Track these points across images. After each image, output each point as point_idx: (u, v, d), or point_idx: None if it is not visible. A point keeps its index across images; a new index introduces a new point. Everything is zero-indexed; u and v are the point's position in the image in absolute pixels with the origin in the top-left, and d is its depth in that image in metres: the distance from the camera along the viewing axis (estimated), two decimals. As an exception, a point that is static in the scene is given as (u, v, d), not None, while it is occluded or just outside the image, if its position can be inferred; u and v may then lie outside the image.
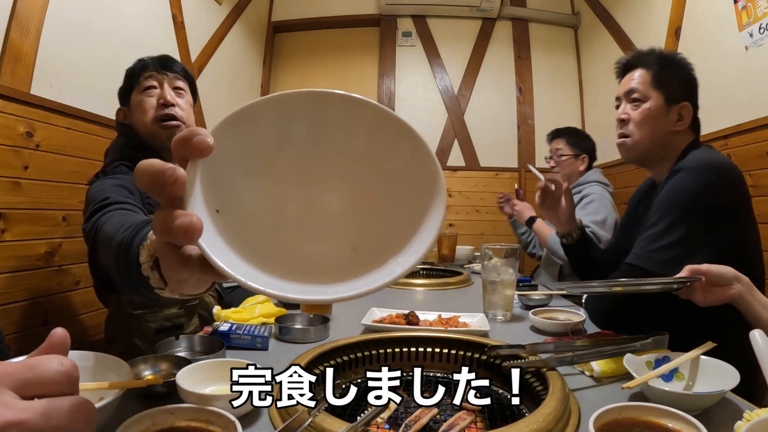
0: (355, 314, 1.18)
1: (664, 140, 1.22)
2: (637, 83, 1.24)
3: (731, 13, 2.00)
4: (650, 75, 1.23)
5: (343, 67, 3.92)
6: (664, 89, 1.21)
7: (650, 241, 1.10)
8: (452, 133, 3.71)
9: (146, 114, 1.30)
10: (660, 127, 1.21)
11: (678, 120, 1.21)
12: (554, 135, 2.40)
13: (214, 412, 0.57)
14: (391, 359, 0.90)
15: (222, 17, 3.04)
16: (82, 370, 0.64)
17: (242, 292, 2.03)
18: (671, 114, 1.21)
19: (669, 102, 1.21)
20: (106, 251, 0.74)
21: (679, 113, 1.21)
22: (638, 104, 1.23)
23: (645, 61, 1.25)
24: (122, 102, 1.37)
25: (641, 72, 1.24)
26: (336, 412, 0.69)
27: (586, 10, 3.59)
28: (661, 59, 1.25)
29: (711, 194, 1.08)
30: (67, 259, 1.69)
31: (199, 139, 0.33)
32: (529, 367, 0.79)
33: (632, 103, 1.25)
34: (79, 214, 1.72)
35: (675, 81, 1.22)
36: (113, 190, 1.13)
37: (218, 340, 0.87)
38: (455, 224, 3.66)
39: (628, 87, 1.26)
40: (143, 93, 1.32)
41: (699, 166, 1.10)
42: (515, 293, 1.30)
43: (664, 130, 1.21)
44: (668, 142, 1.22)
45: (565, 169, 2.32)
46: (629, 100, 1.25)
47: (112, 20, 1.96)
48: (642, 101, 1.23)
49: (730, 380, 0.69)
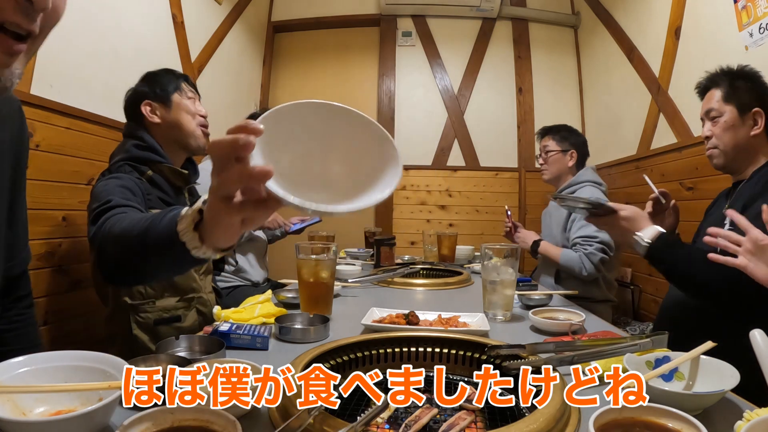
0: (355, 314, 1.18)
1: (745, 145, 1.36)
2: (712, 102, 1.40)
3: (731, 13, 2.00)
4: (722, 92, 1.39)
5: (343, 67, 3.92)
6: (735, 101, 1.36)
7: None
8: (452, 133, 3.72)
9: (193, 117, 1.49)
10: (739, 134, 1.36)
11: (754, 125, 1.34)
12: (543, 133, 2.38)
13: (214, 412, 0.57)
14: (391, 359, 0.90)
15: (222, 17, 3.04)
16: (82, 370, 0.65)
17: (241, 292, 2.04)
18: (746, 121, 1.35)
19: (742, 112, 1.35)
20: (124, 245, 0.83)
21: (753, 119, 1.34)
22: (716, 120, 1.40)
23: (716, 81, 1.41)
24: (152, 98, 1.45)
25: (714, 91, 1.41)
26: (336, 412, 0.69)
27: (586, 10, 3.60)
28: (728, 75, 1.40)
29: None
30: (67, 259, 1.69)
31: (254, 125, 0.50)
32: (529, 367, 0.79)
33: (711, 121, 1.41)
34: (79, 214, 1.72)
35: (744, 92, 1.36)
36: (117, 192, 1.18)
37: (218, 340, 0.87)
38: (455, 224, 3.67)
39: (706, 108, 1.42)
40: (188, 99, 1.50)
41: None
42: (515, 293, 1.30)
43: (744, 136, 1.35)
44: (750, 146, 1.36)
45: (553, 166, 2.29)
46: (709, 119, 1.42)
47: (112, 20, 1.96)
48: (719, 117, 1.39)
49: (730, 380, 0.69)
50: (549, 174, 2.33)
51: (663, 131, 2.61)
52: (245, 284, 2.18)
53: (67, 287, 1.70)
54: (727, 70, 1.43)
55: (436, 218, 3.71)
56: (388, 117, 3.73)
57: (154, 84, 1.47)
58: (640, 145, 2.85)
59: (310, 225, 2.49)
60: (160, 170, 1.41)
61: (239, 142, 0.49)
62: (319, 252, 1.23)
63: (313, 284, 1.22)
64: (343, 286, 1.57)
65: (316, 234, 2.46)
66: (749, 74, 1.40)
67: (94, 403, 0.56)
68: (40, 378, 0.63)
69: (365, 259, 2.44)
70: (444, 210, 3.72)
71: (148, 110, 1.44)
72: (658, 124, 2.67)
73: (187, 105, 1.49)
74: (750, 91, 1.37)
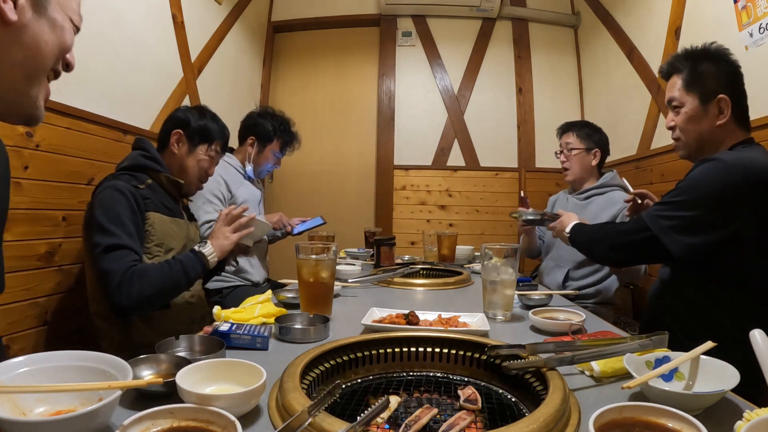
0: (355, 314, 1.18)
1: (710, 136, 1.30)
2: (673, 91, 1.34)
3: (731, 13, 2.00)
4: (683, 79, 1.32)
5: (343, 67, 3.92)
6: (698, 89, 1.29)
7: (662, 209, 1.27)
8: (452, 133, 3.71)
9: (199, 170, 1.65)
10: (703, 125, 1.30)
11: (719, 114, 1.27)
12: (564, 129, 2.28)
13: (214, 412, 0.57)
14: (391, 359, 0.90)
15: (222, 17, 3.03)
16: (82, 370, 0.65)
17: (241, 292, 2.04)
18: (710, 110, 1.28)
19: (704, 101, 1.28)
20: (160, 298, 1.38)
21: (718, 107, 1.27)
22: (678, 110, 1.34)
23: (677, 66, 1.34)
24: (185, 131, 1.61)
25: (676, 78, 1.34)
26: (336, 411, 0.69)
27: (586, 10, 3.59)
28: (691, 58, 1.32)
29: (731, 194, 1.17)
30: (67, 259, 1.69)
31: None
32: (529, 367, 0.79)
33: (674, 111, 1.36)
34: (79, 214, 1.72)
35: (708, 77, 1.28)
36: (122, 225, 1.34)
37: (218, 340, 0.87)
38: (455, 224, 3.67)
39: (668, 96, 1.36)
40: (207, 154, 1.65)
41: (732, 162, 1.18)
42: (515, 293, 1.30)
43: (708, 127, 1.29)
44: (716, 137, 1.30)
45: (576, 165, 2.19)
46: (671, 108, 1.37)
47: (112, 20, 1.95)
48: (680, 107, 1.33)
49: (730, 380, 0.69)
50: (572, 174, 2.21)
51: (663, 131, 2.60)
52: (245, 284, 2.18)
53: (67, 287, 1.70)
54: (690, 52, 1.34)
55: (436, 218, 3.71)
56: (388, 117, 3.73)
57: (199, 121, 1.63)
58: (640, 145, 2.85)
59: (313, 227, 2.50)
60: (158, 179, 1.54)
61: None
62: (319, 252, 1.23)
63: (313, 284, 1.22)
64: (343, 286, 1.57)
65: (316, 234, 2.46)
66: (714, 55, 1.30)
67: (94, 403, 0.56)
68: (40, 378, 0.63)
69: (365, 259, 2.44)
70: (444, 210, 3.72)
71: (175, 138, 1.60)
72: (658, 124, 2.67)
73: (203, 162, 1.64)
74: (715, 76, 1.28)
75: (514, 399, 0.80)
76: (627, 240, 1.36)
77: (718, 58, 1.29)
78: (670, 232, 1.23)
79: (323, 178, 3.83)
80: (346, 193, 3.81)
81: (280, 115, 2.37)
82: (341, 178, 3.84)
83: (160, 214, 1.48)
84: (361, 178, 3.80)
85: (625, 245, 1.37)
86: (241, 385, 0.69)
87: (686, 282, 1.31)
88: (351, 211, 3.76)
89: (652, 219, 1.28)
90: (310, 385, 0.77)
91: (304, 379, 0.75)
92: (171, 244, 1.51)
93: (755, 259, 1.20)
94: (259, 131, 2.30)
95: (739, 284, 1.22)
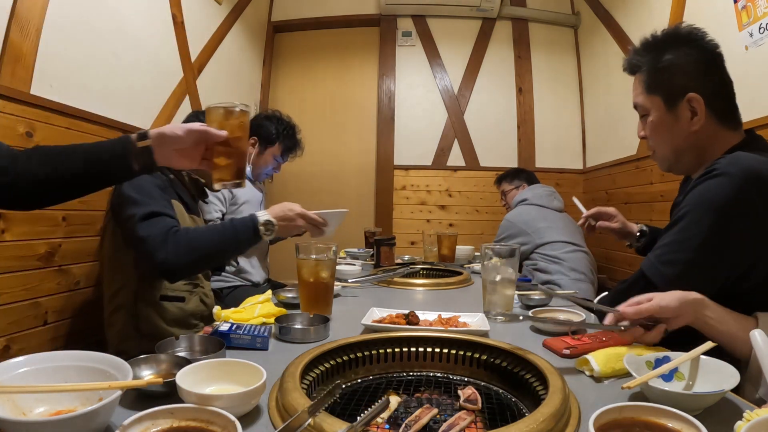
0: (355, 314, 1.18)
1: (686, 145, 1.06)
2: (636, 96, 1.11)
3: (731, 13, 2.00)
4: (643, 79, 1.08)
5: (343, 67, 3.92)
6: (661, 90, 1.05)
7: (665, 251, 0.99)
8: (452, 133, 3.71)
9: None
10: (674, 133, 1.06)
11: (693, 116, 1.02)
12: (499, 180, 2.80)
13: (214, 412, 0.57)
14: (391, 359, 0.90)
15: (222, 17, 3.03)
16: (82, 370, 0.65)
17: (241, 292, 2.04)
18: (680, 114, 1.03)
19: (670, 104, 1.04)
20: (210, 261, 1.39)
21: (690, 108, 1.02)
22: (645, 119, 1.11)
23: (636, 63, 1.10)
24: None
25: (638, 78, 1.11)
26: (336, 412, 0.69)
27: (586, 10, 3.59)
28: (650, 50, 1.07)
29: (746, 209, 0.92)
30: (67, 259, 1.69)
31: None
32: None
33: (642, 119, 1.14)
34: (79, 214, 1.73)
35: (671, 73, 1.03)
36: (154, 198, 1.32)
37: (218, 340, 0.87)
38: (455, 224, 3.67)
39: (633, 101, 1.14)
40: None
41: (742, 173, 0.92)
42: (515, 293, 1.30)
43: (681, 134, 1.05)
44: (696, 143, 1.05)
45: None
46: (640, 116, 1.14)
47: (112, 20, 1.95)
48: (647, 115, 1.10)
49: (730, 380, 0.69)
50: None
51: (663, 131, 2.60)
52: (245, 284, 2.18)
53: (67, 287, 1.70)
54: (649, 42, 1.07)
55: (436, 218, 3.71)
56: (388, 117, 3.73)
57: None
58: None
59: None
60: (180, 178, 1.55)
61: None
62: (319, 252, 1.23)
63: (313, 284, 1.22)
64: (343, 286, 1.57)
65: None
66: (680, 41, 1.03)
67: (94, 403, 0.56)
68: (40, 378, 0.63)
69: (365, 259, 2.44)
70: (444, 210, 3.72)
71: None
72: (658, 124, 2.66)
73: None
74: (681, 69, 1.02)
75: (514, 399, 0.80)
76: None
77: (685, 45, 1.02)
78: (677, 283, 0.92)
79: (323, 178, 3.83)
80: (345, 193, 3.81)
81: (287, 120, 2.33)
82: (341, 178, 3.84)
83: (181, 205, 1.48)
84: (360, 178, 3.80)
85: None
86: (241, 385, 0.69)
87: None
88: (351, 211, 3.73)
89: (652, 269, 1.00)
90: (310, 386, 0.77)
91: (304, 379, 0.75)
92: None
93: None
94: (262, 132, 2.29)
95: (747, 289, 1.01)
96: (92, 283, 1.81)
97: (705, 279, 0.95)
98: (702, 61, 1.02)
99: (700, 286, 0.90)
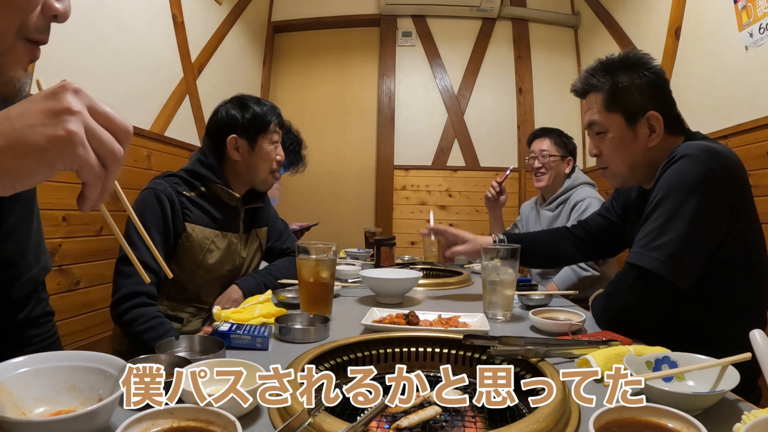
0: (355, 314, 1.18)
1: (644, 159, 1.14)
2: (593, 114, 1.16)
3: (731, 13, 2.00)
4: (602, 99, 1.14)
5: (343, 67, 3.92)
6: (621, 108, 1.11)
7: (650, 238, 1.02)
8: (452, 133, 3.72)
9: (269, 165, 1.54)
10: (633, 150, 1.13)
11: (651, 132, 1.11)
12: (538, 134, 2.32)
13: (214, 412, 0.57)
14: (391, 359, 0.90)
15: (222, 17, 3.04)
16: (82, 370, 0.65)
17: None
18: (639, 130, 1.11)
19: (631, 120, 1.11)
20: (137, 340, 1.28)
21: (648, 125, 1.11)
22: (602, 136, 1.16)
23: (593, 83, 1.16)
24: (240, 133, 1.49)
25: (594, 98, 1.16)
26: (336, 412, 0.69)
27: (586, 10, 3.60)
28: (608, 71, 1.14)
29: (715, 182, 0.99)
30: (67, 259, 1.69)
31: None
32: (511, 355, 0.82)
33: (597, 136, 1.18)
34: (79, 214, 1.73)
35: (630, 93, 1.11)
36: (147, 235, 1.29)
37: (218, 340, 0.87)
38: (455, 224, 3.66)
39: (587, 119, 1.18)
40: (272, 144, 1.53)
41: (701, 152, 1.01)
42: (515, 293, 1.30)
43: (640, 150, 1.13)
44: (650, 157, 1.13)
45: (551, 171, 2.24)
46: (594, 134, 1.19)
47: (112, 20, 1.96)
48: (605, 132, 1.15)
49: (730, 380, 0.69)
50: (546, 180, 2.24)
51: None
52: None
53: (67, 287, 1.70)
54: (607, 63, 1.15)
55: (437, 218, 3.71)
56: (388, 117, 3.73)
57: (246, 115, 1.50)
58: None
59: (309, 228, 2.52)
60: (213, 189, 1.49)
61: None
62: (319, 252, 1.23)
63: (313, 284, 1.22)
64: (343, 286, 1.57)
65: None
66: (634, 64, 1.12)
67: (94, 403, 0.56)
68: (40, 378, 0.63)
69: (365, 259, 2.44)
70: (444, 210, 3.72)
71: (232, 146, 1.49)
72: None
73: (269, 152, 1.52)
74: (639, 89, 1.10)
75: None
76: (622, 293, 1.06)
77: (639, 67, 1.12)
78: (671, 263, 0.98)
79: (323, 179, 3.83)
80: (346, 194, 3.82)
81: (296, 134, 2.30)
82: (341, 179, 3.84)
83: (202, 227, 1.44)
84: (361, 178, 3.81)
85: (627, 302, 1.06)
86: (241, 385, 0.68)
87: None
88: (351, 211, 3.76)
89: (643, 258, 1.02)
90: (310, 385, 0.77)
91: (304, 379, 0.75)
92: (207, 259, 1.46)
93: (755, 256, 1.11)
94: None
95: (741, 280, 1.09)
96: (92, 283, 1.81)
97: (699, 251, 1.00)
98: (655, 83, 1.12)
99: (695, 260, 0.99)
